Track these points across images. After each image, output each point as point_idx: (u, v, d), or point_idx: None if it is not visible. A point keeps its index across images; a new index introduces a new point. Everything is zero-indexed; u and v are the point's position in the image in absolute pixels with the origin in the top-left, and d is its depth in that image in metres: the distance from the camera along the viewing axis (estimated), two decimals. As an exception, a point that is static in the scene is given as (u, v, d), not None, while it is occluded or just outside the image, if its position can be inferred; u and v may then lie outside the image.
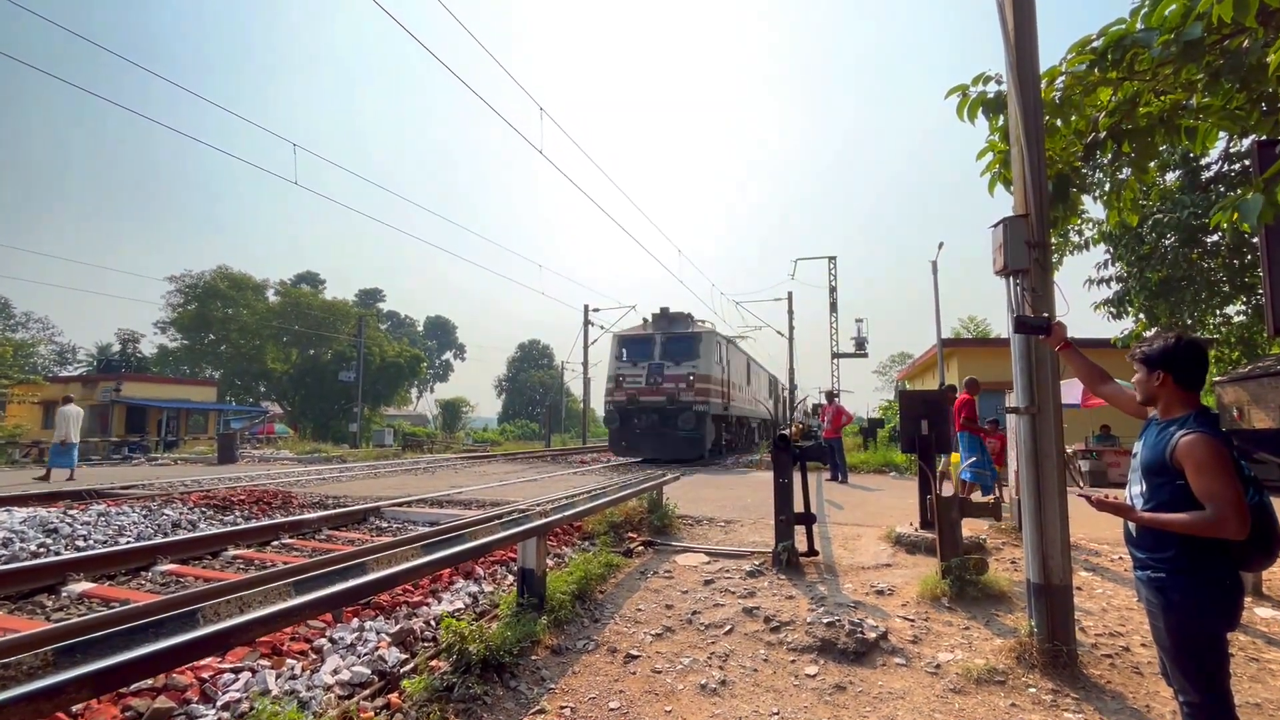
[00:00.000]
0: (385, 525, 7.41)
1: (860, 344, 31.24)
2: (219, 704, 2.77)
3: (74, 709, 2.52)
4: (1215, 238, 12.27)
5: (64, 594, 4.42)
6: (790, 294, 31.30)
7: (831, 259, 30.55)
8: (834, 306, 30.37)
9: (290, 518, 7.08)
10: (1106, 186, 7.21)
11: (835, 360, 30.45)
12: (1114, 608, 4.43)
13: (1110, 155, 4.46)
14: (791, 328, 30.90)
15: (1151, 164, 4.60)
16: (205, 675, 2.96)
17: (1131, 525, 2.15)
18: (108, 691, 1.74)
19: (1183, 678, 2.02)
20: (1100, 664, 3.44)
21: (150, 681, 2.79)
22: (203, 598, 2.97)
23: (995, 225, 3.74)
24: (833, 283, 30.48)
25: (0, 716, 1.44)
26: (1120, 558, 5.82)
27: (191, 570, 5.06)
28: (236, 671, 3.03)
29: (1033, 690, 3.09)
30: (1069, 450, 11.75)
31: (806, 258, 31.80)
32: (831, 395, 14.08)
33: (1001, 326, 54.72)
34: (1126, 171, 4.99)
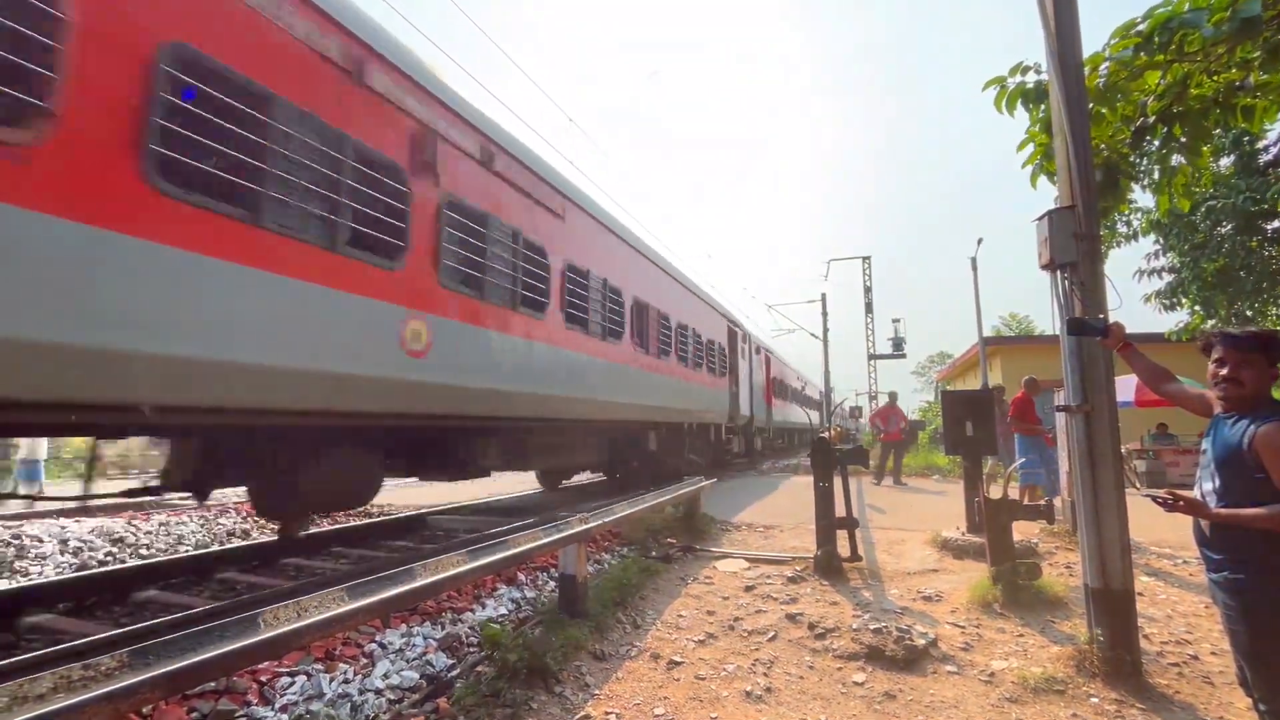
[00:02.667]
0: (429, 533, 7.55)
1: (897, 344, 30.55)
2: (277, 706, 2.86)
3: (143, 709, 2.64)
4: (1277, 224, 11.66)
5: (131, 599, 4.62)
6: (824, 295, 30.72)
7: (866, 259, 30.00)
8: (869, 307, 29.79)
9: (337, 526, 7.27)
10: (1155, 174, 6.91)
11: (872, 362, 29.86)
12: (1180, 614, 4.23)
13: (1160, 140, 4.28)
14: (826, 330, 30.42)
15: (1205, 147, 4.41)
16: (264, 678, 3.06)
17: (1204, 524, 2.05)
18: (178, 692, 1.83)
19: (1265, 686, 1.92)
20: (1167, 673, 3.28)
21: (213, 684, 2.90)
22: (263, 602, 3.07)
23: (1039, 218, 3.64)
24: (868, 283, 29.92)
25: (83, 715, 1.51)
26: (1184, 561, 5.56)
27: (246, 577, 5.24)
28: (293, 675, 3.12)
29: (1095, 700, 2.97)
30: (1124, 450, 11.23)
31: (840, 258, 31.13)
32: (894, 396, 13.75)
33: (1045, 322, 52.96)
34: (1177, 158, 4.78)
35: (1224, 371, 2.04)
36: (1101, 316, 3.32)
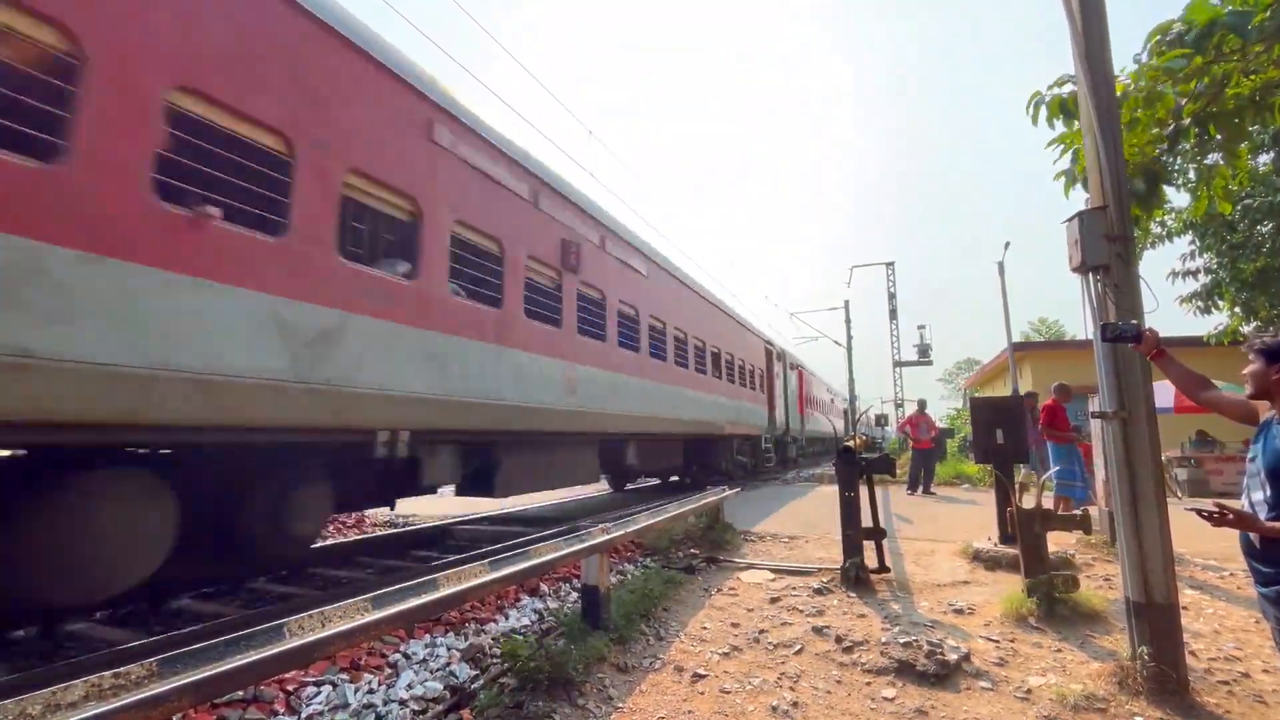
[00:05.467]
0: (454, 544, 7.59)
1: (923, 351, 30.09)
2: (303, 715, 2.88)
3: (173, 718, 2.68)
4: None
5: (164, 608, 4.71)
6: (847, 302, 30.44)
7: (889, 264, 29.67)
8: (894, 313, 29.42)
9: (364, 536, 7.36)
10: (1190, 173, 6.68)
11: (897, 369, 29.43)
12: (1228, 629, 4.05)
13: (1194, 142, 4.14)
14: (849, 337, 30.09)
15: (1242, 147, 4.25)
16: (290, 688, 3.09)
17: (1253, 536, 1.95)
18: (206, 701, 1.84)
19: None
20: (1216, 691, 3.13)
21: (240, 693, 2.93)
22: (289, 612, 3.10)
23: (1069, 220, 3.55)
24: (892, 289, 29.57)
25: (113, 723, 1.53)
26: (1231, 574, 5.33)
27: (275, 587, 5.32)
28: (319, 685, 3.14)
29: (1138, 719, 2.85)
30: (1163, 458, 10.75)
31: (863, 264, 30.88)
32: (923, 404, 13.48)
33: (1076, 326, 51.68)
34: (1213, 156, 4.62)
35: (1249, 371, 2.14)
36: (1135, 322, 3.22)
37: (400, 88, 4.98)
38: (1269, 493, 1.92)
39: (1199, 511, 1.97)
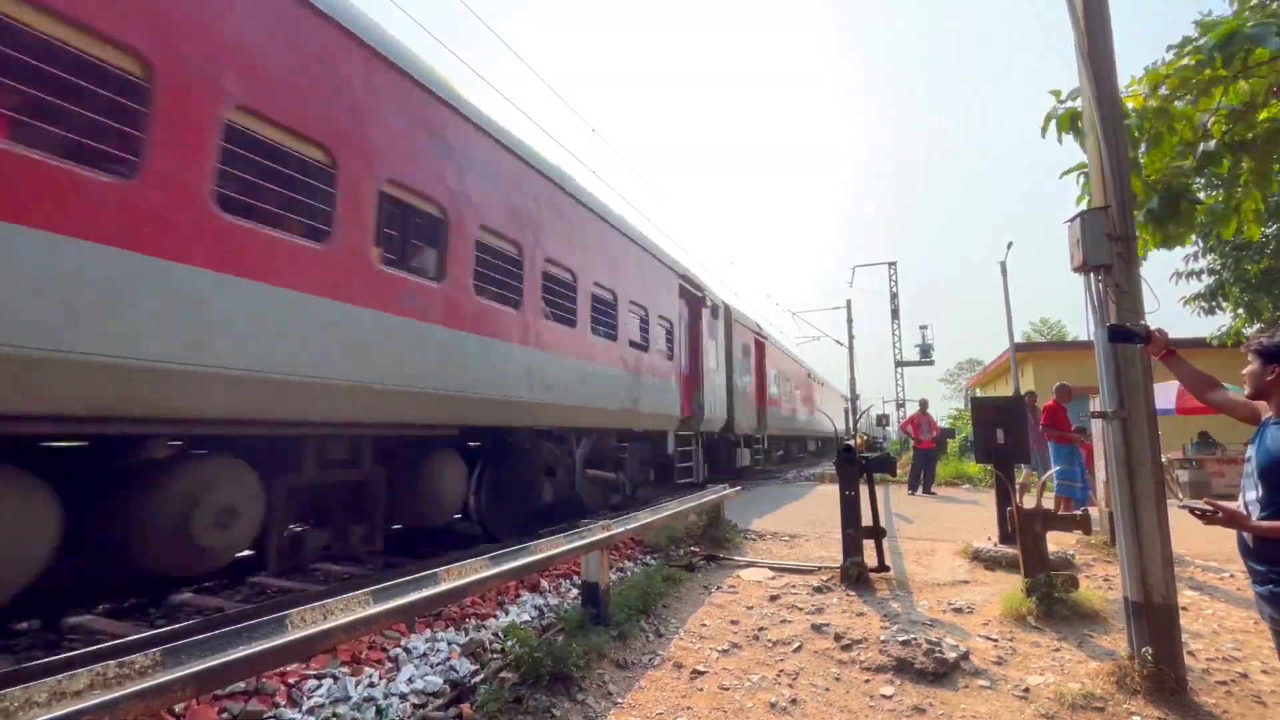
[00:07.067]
0: (456, 540, 7.60)
1: (925, 351, 30.09)
2: (304, 708, 2.90)
3: (176, 709, 2.69)
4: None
5: (167, 602, 4.74)
6: (849, 302, 30.45)
7: (892, 264, 29.65)
8: (895, 313, 29.39)
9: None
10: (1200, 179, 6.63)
11: (899, 369, 29.40)
12: (1227, 630, 4.05)
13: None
14: (851, 337, 30.05)
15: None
16: (291, 680, 3.11)
17: (1248, 535, 1.96)
18: (208, 691, 1.86)
19: None
20: (1214, 691, 3.14)
21: (242, 685, 2.95)
22: (290, 605, 3.12)
23: (1071, 219, 3.55)
24: (894, 289, 29.55)
25: (116, 712, 1.55)
26: (1232, 575, 5.33)
27: (277, 581, 5.34)
28: (320, 678, 3.16)
29: (1137, 718, 2.85)
30: (1165, 459, 10.69)
31: (865, 264, 31.00)
32: (925, 403, 13.43)
33: (1078, 326, 51.50)
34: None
35: (1247, 371, 2.16)
36: (1143, 322, 3.21)
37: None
38: (1261, 492, 1.92)
39: (1191, 509, 1.98)
